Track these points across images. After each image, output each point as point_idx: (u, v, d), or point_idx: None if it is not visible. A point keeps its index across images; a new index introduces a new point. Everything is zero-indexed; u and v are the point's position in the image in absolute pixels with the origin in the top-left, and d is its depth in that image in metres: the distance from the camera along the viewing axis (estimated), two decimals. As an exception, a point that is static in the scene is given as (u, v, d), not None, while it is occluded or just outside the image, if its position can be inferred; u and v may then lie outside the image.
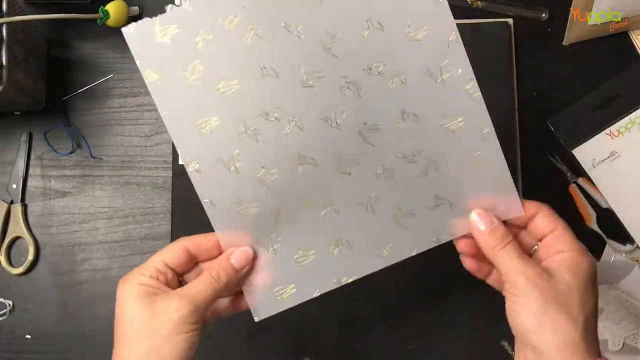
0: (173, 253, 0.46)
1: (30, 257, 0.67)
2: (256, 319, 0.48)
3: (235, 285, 0.47)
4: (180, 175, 0.67)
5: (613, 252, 0.66)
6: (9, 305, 0.67)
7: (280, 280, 0.47)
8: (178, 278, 0.47)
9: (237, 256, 0.46)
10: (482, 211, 0.45)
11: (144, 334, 0.42)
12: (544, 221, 0.44)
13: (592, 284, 0.42)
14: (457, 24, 0.53)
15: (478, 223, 0.45)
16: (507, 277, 0.43)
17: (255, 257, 0.47)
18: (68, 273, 0.67)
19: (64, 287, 0.67)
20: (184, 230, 0.66)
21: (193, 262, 0.47)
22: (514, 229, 0.46)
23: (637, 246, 0.66)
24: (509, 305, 0.43)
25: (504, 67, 0.68)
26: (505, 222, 0.45)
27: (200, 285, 0.45)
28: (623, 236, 0.66)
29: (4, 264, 0.67)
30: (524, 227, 0.46)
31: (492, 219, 0.45)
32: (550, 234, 0.44)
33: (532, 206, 0.45)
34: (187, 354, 0.43)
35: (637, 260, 0.66)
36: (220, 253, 0.47)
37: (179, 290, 0.44)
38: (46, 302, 0.67)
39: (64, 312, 0.66)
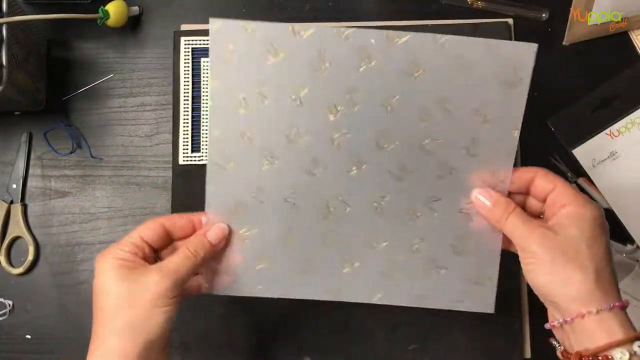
0: (149, 229, 0.48)
1: (31, 257, 0.67)
2: (213, 292, 0.51)
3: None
4: (180, 175, 0.67)
5: (613, 253, 0.66)
6: (9, 305, 0.67)
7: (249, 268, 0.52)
8: (154, 254, 0.49)
9: (213, 231, 0.49)
10: (481, 189, 0.49)
11: (123, 307, 0.43)
12: (542, 182, 0.47)
13: (600, 230, 0.43)
14: (457, 24, 0.57)
15: (482, 201, 0.48)
16: (517, 243, 0.45)
17: (230, 234, 0.50)
18: (68, 273, 0.67)
19: (64, 287, 0.67)
20: (187, 208, 0.66)
21: (168, 239, 0.50)
22: (519, 197, 0.49)
23: (638, 246, 0.66)
24: (524, 269, 0.45)
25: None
26: (510, 195, 0.49)
27: (178, 260, 0.46)
28: (623, 236, 0.66)
29: (4, 264, 0.67)
30: (527, 193, 0.49)
31: (492, 193, 0.48)
32: (551, 193, 0.46)
33: (529, 170, 0.48)
34: (165, 327, 0.44)
35: (637, 261, 0.66)
36: (194, 232, 0.50)
37: (158, 264, 0.46)
38: (46, 302, 0.67)
39: (64, 312, 0.66)
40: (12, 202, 0.68)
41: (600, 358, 0.40)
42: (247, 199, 0.51)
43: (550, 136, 0.68)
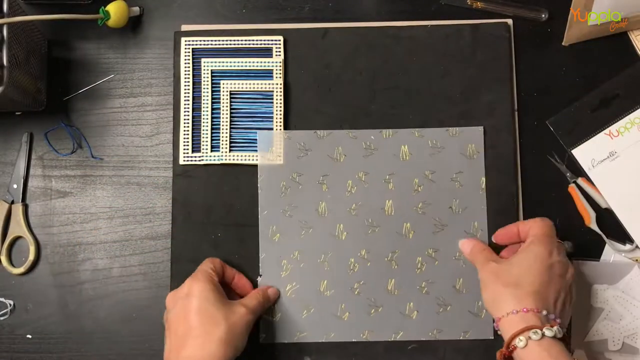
0: (215, 264, 0.63)
1: (31, 257, 0.67)
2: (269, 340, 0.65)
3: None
4: (180, 175, 0.67)
5: (613, 252, 0.66)
6: (10, 305, 0.67)
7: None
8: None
9: (272, 291, 0.65)
10: (463, 240, 0.65)
11: (223, 324, 0.56)
12: (523, 227, 0.63)
13: (542, 261, 0.58)
14: (457, 25, 0.64)
15: (464, 248, 0.65)
16: (481, 272, 0.61)
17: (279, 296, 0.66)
18: (69, 273, 0.67)
19: (65, 287, 0.67)
20: (184, 230, 0.67)
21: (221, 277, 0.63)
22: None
23: (637, 246, 0.66)
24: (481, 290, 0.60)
25: (504, 67, 0.68)
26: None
27: (254, 301, 0.61)
28: (623, 236, 0.66)
29: (5, 263, 0.67)
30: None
31: (471, 242, 0.64)
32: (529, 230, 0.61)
33: (515, 225, 0.63)
34: (244, 345, 0.58)
35: (637, 260, 0.66)
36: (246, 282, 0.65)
37: (241, 301, 0.60)
38: (47, 302, 0.67)
39: (64, 312, 0.67)
40: (13, 202, 0.68)
41: (510, 348, 0.54)
42: (290, 261, 0.66)
43: (549, 136, 0.68)
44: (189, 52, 0.69)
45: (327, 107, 0.68)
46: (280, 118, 0.67)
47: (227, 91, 0.68)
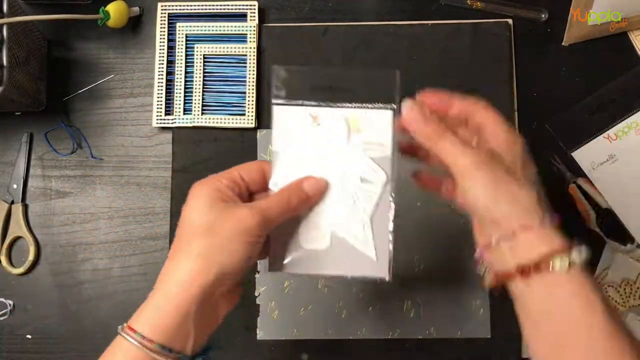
0: (250, 168, 0.47)
1: (31, 257, 0.67)
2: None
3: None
4: (179, 171, 0.67)
5: (613, 252, 0.66)
6: (10, 305, 0.67)
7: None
8: (249, 194, 0.47)
9: (310, 183, 0.47)
10: (413, 101, 0.45)
11: (207, 232, 0.42)
12: (479, 115, 0.46)
13: (528, 158, 0.45)
14: (457, 24, 0.62)
15: (411, 112, 0.45)
16: (455, 163, 0.43)
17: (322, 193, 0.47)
18: (69, 273, 0.67)
19: (65, 287, 0.67)
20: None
21: (265, 186, 0.47)
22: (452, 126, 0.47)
23: (638, 245, 0.66)
24: (463, 188, 0.44)
25: (504, 66, 0.68)
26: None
27: (271, 202, 0.45)
28: (623, 236, 0.66)
29: (5, 264, 0.67)
30: (463, 124, 0.47)
31: (426, 109, 0.45)
32: (486, 124, 0.45)
33: (469, 103, 0.46)
34: (243, 263, 0.43)
35: (638, 260, 0.66)
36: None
37: (250, 203, 0.45)
38: (47, 302, 0.67)
39: (64, 312, 0.67)
40: (12, 202, 0.68)
41: (541, 266, 0.41)
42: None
43: (549, 138, 0.68)
44: (164, 16, 0.69)
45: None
46: (253, 81, 0.68)
47: (200, 55, 0.68)
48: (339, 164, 0.47)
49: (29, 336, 0.66)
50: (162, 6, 0.69)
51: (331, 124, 0.47)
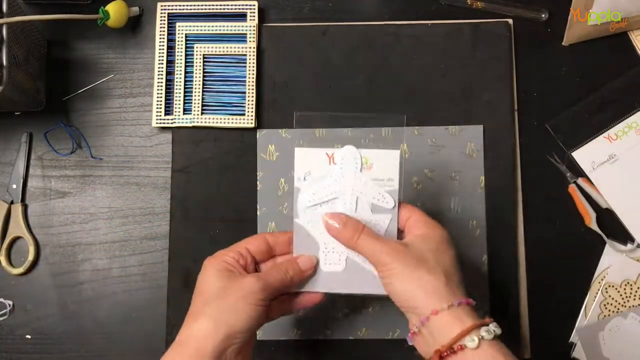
0: (255, 241, 0.54)
1: (31, 257, 0.67)
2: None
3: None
4: (179, 171, 0.67)
5: (613, 252, 0.66)
6: (9, 305, 0.67)
7: None
8: (255, 265, 0.54)
9: (303, 260, 0.54)
10: (331, 213, 0.53)
11: (217, 297, 0.49)
12: (403, 212, 0.53)
13: (446, 244, 0.50)
14: (457, 24, 0.64)
15: (331, 222, 0.52)
16: (373, 259, 0.50)
17: (317, 265, 0.54)
18: (68, 273, 0.67)
19: (64, 287, 0.67)
20: (182, 226, 0.67)
21: (270, 253, 0.55)
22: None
23: (638, 245, 0.66)
24: (383, 282, 0.50)
25: (504, 66, 0.68)
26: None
27: (271, 273, 0.52)
28: (623, 236, 0.66)
29: (4, 264, 0.67)
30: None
31: (341, 216, 0.52)
32: (409, 219, 0.52)
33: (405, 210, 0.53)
34: (249, 323, 0.49)
35: (638, 260, 0.66)
36: (289, 250, 0.55)
37: (254, 274, 0.52)
38: (46, 302, 0.67)
39: (64, 312, 0.67)
40: (12, 203, 0.68)
41: (455, 349, 0.45)
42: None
43: (549, 136, 0.68)
44: (164, 16, 0.69)
45: (326, 104, 0.68)
46: (253, 81, 0.68)
47: (200, 54, 0.68)
48: (353, 194, 0.53)
49: (28, 336, 0.66)
50: (161, 6, 0.69)
51: (346, 161, 0.53)
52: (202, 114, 0.68)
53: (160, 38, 0.69)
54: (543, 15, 0.69)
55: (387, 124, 0.66)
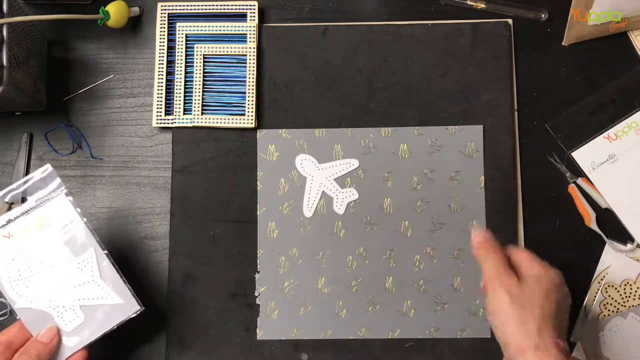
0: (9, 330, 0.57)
1: (31, 257, 0.67)
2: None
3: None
4: (179, 171, 0.67)
5: (613, 252, 0.66)
6: (10, 305, 0.66)
7: None
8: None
9: (43, 335, 0.57)
10: (478, 229, 0.59)
11: None
12: (515, 253, 0.56)
13: (555, 288, 0.53)
14: (457, 24, 0.73)
15: (476, 233, 0.57)
16: (488, 279, 0.54)
17: (59, 330, 0.57)
18: (68, 273, 0.67)
19: (65, 287, 0.67)
20: (183, 226, 0.67)
21: (12, 349, 0.56)
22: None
23: (638, 245, 0.66)
24: (487, 302, 0.54)
25: (504, 66, 0.68)
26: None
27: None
28: (623, 236, 0.66)
29: (5, 264, 0.67)
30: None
31: (486, 232, 0.57)
32: (524, 259, 0.55)
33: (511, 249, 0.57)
34: None
35: (638, 260, 0.66)
36: (29, 334, 0.57)
37: None
38: (47, 302, 0.67)
39: (64, 312, 0.67)
40: (12, 203, 0.68)
41: None
42: (288, 257, 0.66)
43: (549, 136, 0.68)
44: (164, 16, 0.69)
45: (326, 104, 0.68)
46: (253, 82, 0.68)
47: (200, 55, 0.68)
48: (49, 261, 0.58)
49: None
50: (162, 6, 0.69)
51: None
52: (202, 114, 0.68)
53: (160, 38, 0.69)
54: (543, 16, 0.69)
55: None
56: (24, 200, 0.68)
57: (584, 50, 0.69)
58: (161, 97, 0.68)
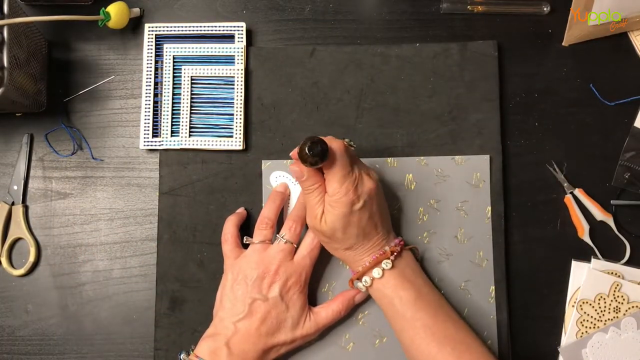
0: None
1: (32, 258, 0.67)
2: None
3: None
4: (166, 193, 0.67)
5: (579, 269, 0.65)
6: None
7: None
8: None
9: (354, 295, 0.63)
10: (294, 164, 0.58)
11: None
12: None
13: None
14: (445, 45, 0.70)
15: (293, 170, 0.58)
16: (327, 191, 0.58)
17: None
18: (69, 274, 0.67)
19: (65, 289, 0.67)
20: (170, 248, 0.66)
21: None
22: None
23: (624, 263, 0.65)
24: (325, 212, 0.58)
25: (492, 86, 0.68)
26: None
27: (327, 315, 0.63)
28: (614, 251, 0.66)
29: (5, 265, 0.67)
30: None
31: (302, 170, 0.57)
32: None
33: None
34: None
35: (618, 275, 0.64)
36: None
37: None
38: (47, 303, 0.67)
39: (65, 313, 0.67)
40: (13, 204, 0.68)
41: (367, 273, 0.59)
42: None
43: (549, 137, 0.68)
44: (152, 37, 0.69)
45: (314, 125, 0.67)
46: (241, 103, 0.67)
47: (188, 76, 0.68)
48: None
49: (29, 337, 0.66)
50: (149, 27, 0.69)
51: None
52: (190, 136, 0.67)
53: (147, 60, 0.69)
54: (545, 9, 0.69)
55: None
56: (24, 199, 0.68)
57: (584, 50, 0.69)
58: (148, 119, 0.68)
